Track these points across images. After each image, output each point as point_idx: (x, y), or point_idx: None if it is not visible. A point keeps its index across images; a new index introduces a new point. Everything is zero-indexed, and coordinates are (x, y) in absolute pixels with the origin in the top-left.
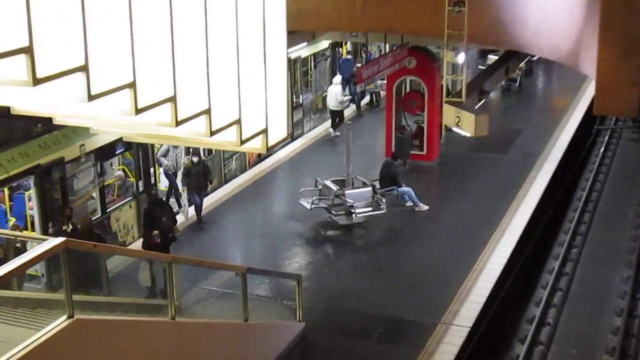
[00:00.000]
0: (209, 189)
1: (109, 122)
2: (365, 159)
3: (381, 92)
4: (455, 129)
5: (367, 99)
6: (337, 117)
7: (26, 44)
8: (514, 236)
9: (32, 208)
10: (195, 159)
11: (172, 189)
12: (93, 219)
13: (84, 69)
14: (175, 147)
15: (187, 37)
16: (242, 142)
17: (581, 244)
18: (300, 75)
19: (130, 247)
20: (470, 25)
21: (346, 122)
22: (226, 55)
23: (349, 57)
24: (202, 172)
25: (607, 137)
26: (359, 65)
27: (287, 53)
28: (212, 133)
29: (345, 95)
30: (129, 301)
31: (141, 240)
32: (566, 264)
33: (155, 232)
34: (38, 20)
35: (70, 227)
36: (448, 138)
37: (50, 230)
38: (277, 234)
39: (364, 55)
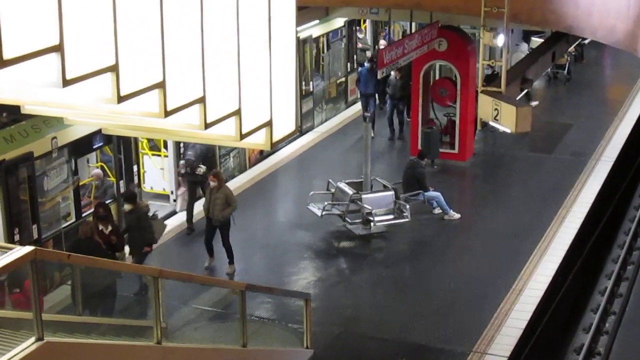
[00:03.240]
0: (149, 250)
1: (86, 111)
2: (386, 157)
3: None
4: (492, 124)
5: None
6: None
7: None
8: (560, 251)
9: None
10: (127, 207)
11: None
12: (66, 224)
13: (59, 49)
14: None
15: (177, 12)
16: (242, 137)
17: (638, 260)
18: (311, 59)
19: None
20: (511, 2)
21: (365, 114)
22: (224, 34)
23: (367, 64)
24: (136, 226)
25: None
26: (392, 74)
27: (296, 32)
28: (207, 125)
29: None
30: (107, 322)
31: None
32: (620, 283)
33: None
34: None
35: (110, 228)
36: (484, 134)
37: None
38: (282, 245)
39: (380, 36)
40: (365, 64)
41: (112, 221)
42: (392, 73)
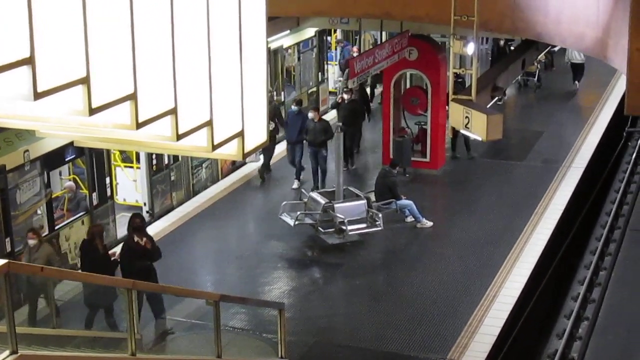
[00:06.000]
0: None
1: (57, 123)
2: (358, 166)
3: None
4: (463, 132)
5: None
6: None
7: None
8: (532, 257)
9: None
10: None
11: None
12: None
13: (30, 61)
14: None
15: (148, 23)
16: (215, 147)
17: (610, 266)
18: (281, 69)
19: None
20: (481, 10)
21: (337, 124)
22: (195, 45)
23: (295, 107)
24: None
25: None
26: (310, 115)
27: (267, 42)
28: (179, 137)
29: None
30: (81, 334)
31: None
32: (592, 289)
33: None
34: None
35: (144, 240)
36: (455, 142)
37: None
38: (255, 255)
39: (337, 50)
40: (293, 106)
41: (145, 232)
42: (310, 115)
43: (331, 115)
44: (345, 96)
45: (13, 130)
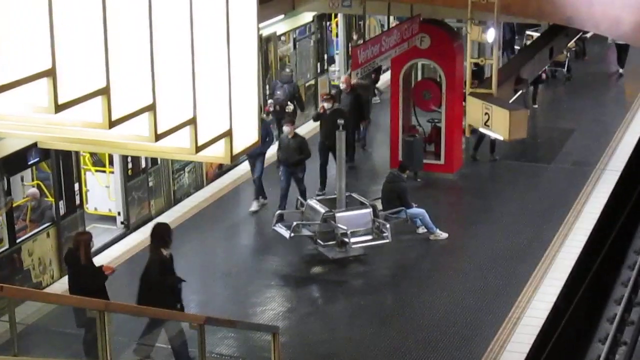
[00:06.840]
0: None
1: (19, 122)
2: (363, 170)
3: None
4: (483, 130)
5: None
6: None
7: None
8: (562, 273)
9: None
10: None
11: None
12: None
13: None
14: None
15: (121, 10)
16: (199, 149)
17: None
18: (275, 59)
19: (47, 290)
20: None
21: (339, 122)
22: (176, 32)
23: (263, 116)
24: None
25: None
26: (285, 130)
27: (259, 29)
28: (158, 137)
29: None
30: None
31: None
32: (631, 309)
33: None
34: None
35: (168, 251)
36: (480, 142)
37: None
38: (246, 272)
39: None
40: (262, 115)
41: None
42: (285, 129)
43: (307, 129)
44: (326, 105)
45: None
